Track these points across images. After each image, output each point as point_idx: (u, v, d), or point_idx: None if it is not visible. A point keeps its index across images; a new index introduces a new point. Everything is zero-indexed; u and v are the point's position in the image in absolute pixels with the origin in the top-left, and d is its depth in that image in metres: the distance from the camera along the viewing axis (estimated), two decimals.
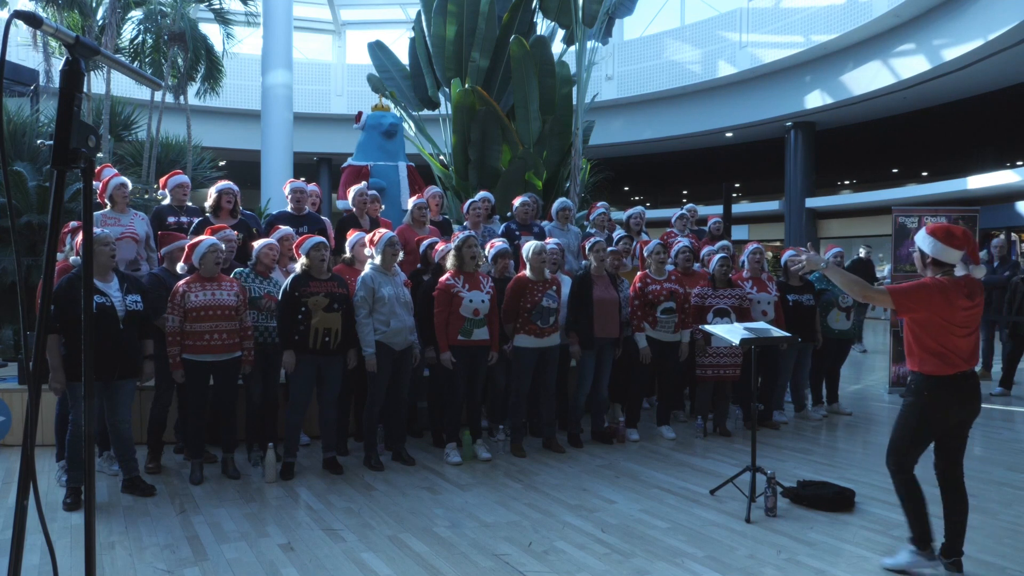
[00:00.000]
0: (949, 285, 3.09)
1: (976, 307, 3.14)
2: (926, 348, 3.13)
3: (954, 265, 3.16)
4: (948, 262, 3.14)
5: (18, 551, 1.33)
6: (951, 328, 3.09)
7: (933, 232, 3.15)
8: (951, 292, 3.07)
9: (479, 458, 5.11)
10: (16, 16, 1.26)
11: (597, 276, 5.54)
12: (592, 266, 5.56)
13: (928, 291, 3.09)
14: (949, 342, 3.09)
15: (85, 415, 1.49)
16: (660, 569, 3.29)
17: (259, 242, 4.98)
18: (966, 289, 3.12)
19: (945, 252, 3.12)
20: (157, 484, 4.43)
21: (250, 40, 16.66)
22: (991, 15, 12.62)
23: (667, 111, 19.62)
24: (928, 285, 3.11)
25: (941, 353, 3.10)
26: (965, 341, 3.13)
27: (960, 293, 3.09)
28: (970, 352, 3.16)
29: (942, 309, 3.07)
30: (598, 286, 5.49)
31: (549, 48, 9.22)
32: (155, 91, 12.37)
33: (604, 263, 5.59)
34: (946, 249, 3.11)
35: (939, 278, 3.14)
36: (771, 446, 5.55)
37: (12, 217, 2.43)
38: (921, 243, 3.20)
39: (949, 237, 3.11)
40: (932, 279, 3.15)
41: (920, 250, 3.21)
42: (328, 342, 4.62)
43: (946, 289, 3.08)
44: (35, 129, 8.71)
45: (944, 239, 3.11)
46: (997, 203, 16.89)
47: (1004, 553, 3.49)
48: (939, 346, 3.10)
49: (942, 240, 3.11)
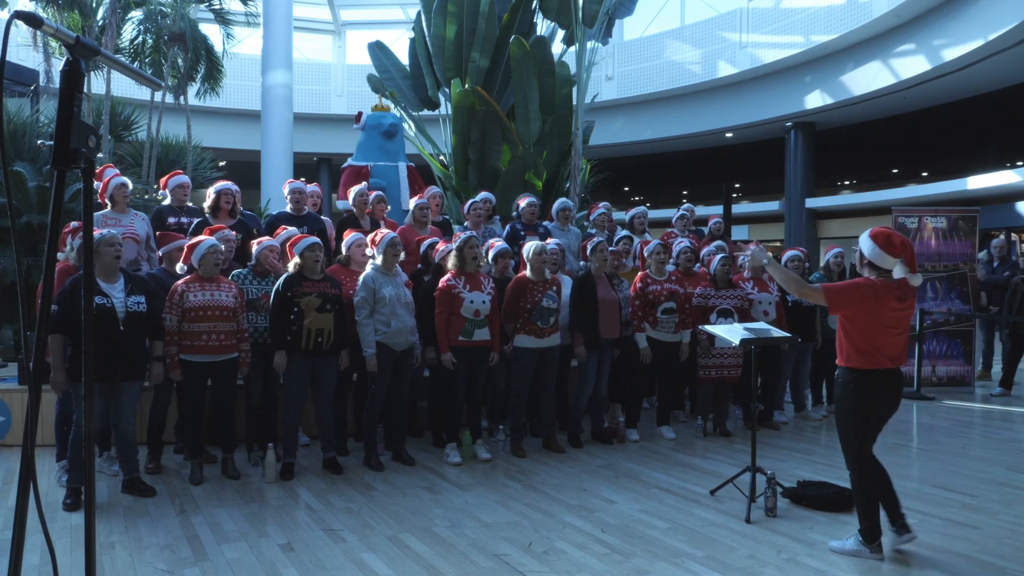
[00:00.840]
0: (881, 286, 3.25)
1: (906, 309, 3.30)
2: (855, 345, 3.30)
3: (890, 270, 3.30)
4: (884, 267, 3.29)
5: (18, 551, 1.33)
6: (880, 328, 3.25)
7: (874, 236, 3.30)
8: (882, 292, 3.23)
9: (479, 458, 5.11)
10: (16, 16, 1.26)
11: (598, 276, 5.54)
12: (594, 267, 5.56)
13: (860, 291, 3.25)
14: (877, 340, 3.26)
15: (85, 415, 1.49)
16: (660, 569, 3.29)
17: (260, 243, 4.98)
18: (898, 292, 3.26)
19: (882, 258, 3.27)
20: (157, 484, 4.43)
21: (250, 40, 16.66)
22: (991, 15, 12.62)
23: (667, 111, 19.61)
24: (861, 285, 3.27)
25: (868, 351, 3.27)
26: (894, 341, 3.28)
27: (891, 295, 3.24)
28: (897, 352, 3.31)
29: (872, 308, 3.23)
30: (600, 286, 5.49)
31: (549, 48, 9.22)
32: (155, 91, 12.37)
33: (606, 264, 5.59)
34: (883, 255, 3.27)
35: (872, 279, 3.30)
36: (771, 446, 5.55)
37: (12, 217, 2.44)
38: (862, 245, 3.35)
39: (888, 244, 3.26)
40: (865, 280, 3.31)
41: (860, 251, 3.37)
42: (321, 343, 4.62)
43: (877, 289, 3.24)
44: (35, 129, 8.71)
45: (883, 245, 3.26)
46: (997, 203, 16.89)
47: (1004, 553, 3.49)
48: (867, 344, 3.26)
49: (881, 246, 3.27)
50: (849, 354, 3.34)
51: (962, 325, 8.05)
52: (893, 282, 3.29)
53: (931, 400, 7.52)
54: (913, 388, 7.75)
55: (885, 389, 3.34)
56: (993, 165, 18.50)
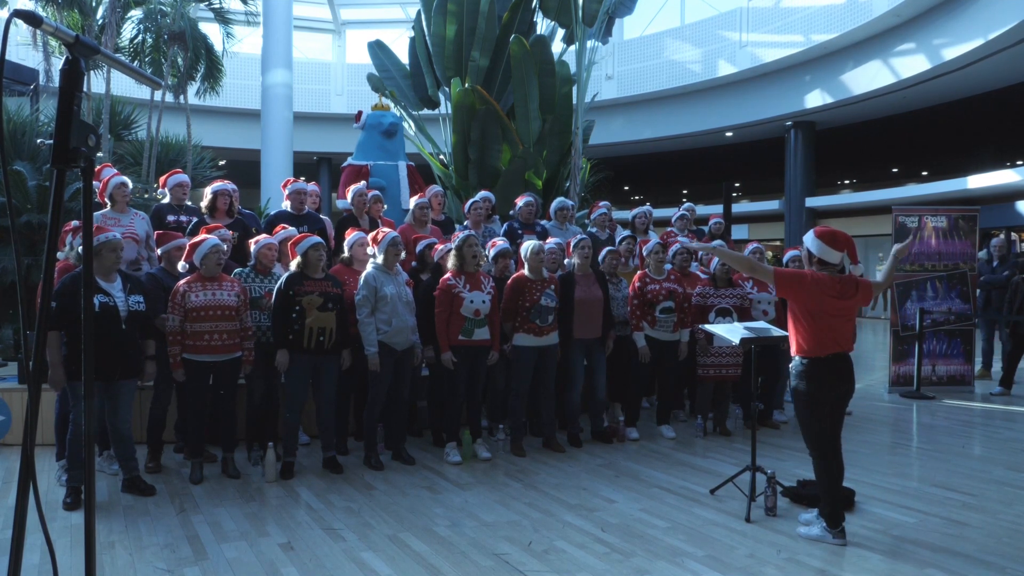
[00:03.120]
0: (824, 281, 3.51)
1: (848, 302, 3.53)
2: (804, 334, 3.55)
3: (836, 264, 3.56)
4: (829, 261, 3.55)
5: (18, 550, 1.33)
6: (823, 316, 3.50)
7: (820, 235, 3.58)
8: (825, 286, 3.49)
9: (479, 458, 5.11)
10: (16, 15, 1.26)
11: (581, 275, 5.50)
12: (576, 265, 5.54)
13: (804, 281, 3.52)
14: (823, 327, 3.51)
15: (85, 415, 1.49)
16: (660, 568, 3.29)
17: (257, 241, 4.98)
18: (839, 287, 3.52)
19: (827, 252, 3.55)
20: (157, 484, 4.43)
21: (250, 40, 16.66)
22: (991, 15, 12.62)
23: (667, 111, 19.61)
24: (806, 276, 3.54)
25: (816, 338, 3.52)
26: (839, 329, 3.54)
27: (833, 291, 3.50)
28: (845, 337, 3.57)
29: (813, 298, 3.49)
30: (581, 286, 5.45)
31: (549, 47, 9.22)
32: (155, 90, 12.37)
33: (588, 262, 5.56)
34: (828, 250, 3.54)
35: (817, 273, 3.55)
36: (771, 446, 5.55)
37: (12, 217, 2.43)
38: (809, 244, 3.62)
39: (832, 240, 3.55)
40: (811, 272, 3.57)
41: (808, 249, 3.63)
42: (323, 341, 4.62)
43: (820, 283, 3.50)
44: (35, 128, 8.71)
45: (828, 241, 3.55)
46: (997, 203, 16.88)
47: (1004, 553, 3.49)
48: (814, 331, 3.52)
49: (826, 242, 3.55)
50: (799, 343, 3.58)
51: (962, 324, 8.05)
52: (837, 279, 3.53)
53: (931, 399, 7.52)
54: (913, 387, 7.76)
55: (836, 374, 3.55)
56: (993, 164, 18.50)
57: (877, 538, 3.67)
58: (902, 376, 7.96)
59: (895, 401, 7.54)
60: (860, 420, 6.55)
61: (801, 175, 18.86)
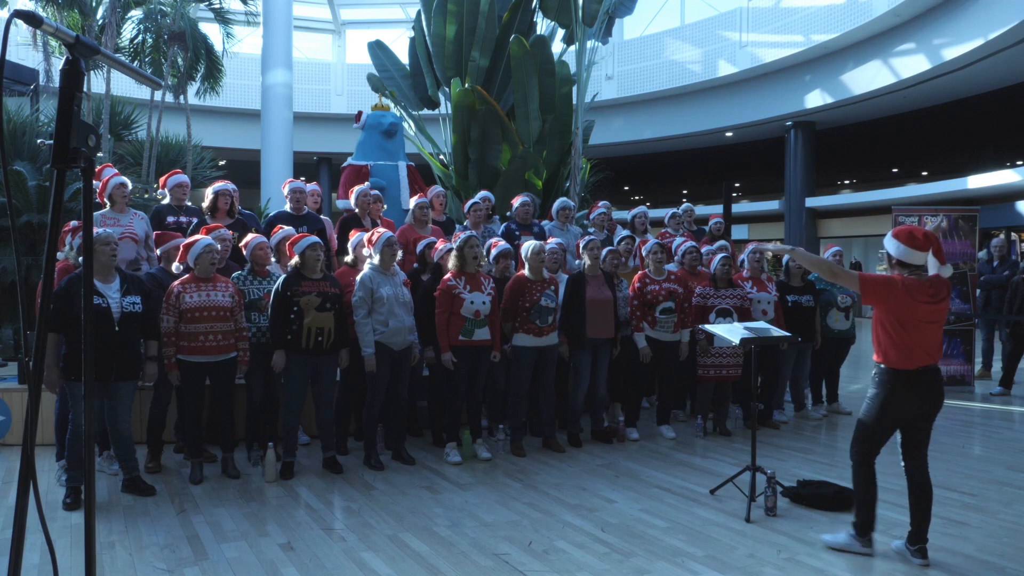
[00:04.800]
0: (913, 285, 3.25)
1: (940, 306, 3.28)
2: (893, 342, 3.27)
3: (920, 266, 3.30)
4: (912, 263, 3.30)
5: (18, 550, 1.33)
6: (915, 324, 3.23)
7: (897, 235, 3.34)
8: (915, 291, 3.24)
9: (479, 457, 5.11)
10: (16, 15, 1.26)
11: (591, 276, 5.52)
12: (586, 265, 5.55)
13: (893, 286, 3.26)
14: (914, 336, 3.24)
15: (85, 415, 1.49)
16: (660, 568, 3.29)
17: (249, 241, 4.93)
18: (931, 290, 3.27)
19: (908, 253, 3.29)
20: (157, 484, 4.43)
21: (250, 40, 16.66)
22: (991, 15, 12.61)
23: (667, 111, 19.60)
24: (895, 281, 3.28)
25: (906, 348, 3.25)
26: (929, 337, 3.27)
27: (924, 294, 3.24)
28: (935, 347, 3.30)
29: (904, 305, 3.23)
30: (591, 286, 5.47)
31: (549, 48, 9.22)
32: (155, 90, 12.37)
33: (598, 262, 5.57)
34: (909, 251, 3.28)
35: (907, 277, 3.29)
36: (771, 446, 5.55)
37: (12, 217, 2.43)
38: (887, 246, 3.38)
39: (911, 240, 3.29)
40: (900, 276, 3.32)
41: (887, 252, 3.39)
42: (321, 342, 4.62)
43: (910, 288, 3.24)
44: (35, 128, 8.72)
45: (907, 242, 3.29)
46: (997, 203, 16.88)
47: (1004, 553, 3.49)
48: (905, 340, 3.24)
49: (905, 243, 3.29)
50: (887, 352, 3.30)
51: (962, 324, 8.05)
52: (926, 281, 3.28)
53: None
54: None
55: (927, 388, 3.29)
56: (993, 164, 18.50)
57: (877, 538, 3.67)
58: None
59: None
60: None
61: (801, 175, 18.86)
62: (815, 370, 6.66)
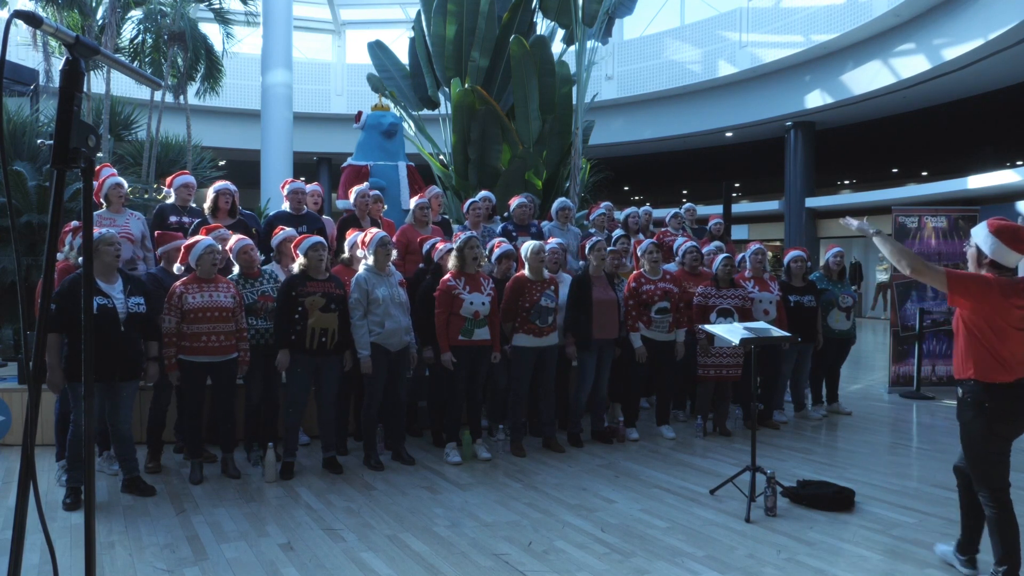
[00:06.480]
0: (1008, 286, 2.88)
1: None
2: (980, 350, 2.89)
3: (1012, 268, 2.92)
4: (1007, 265, 2.91)
5: (18, 551, 1.33)
6: (1008, 330, 2.86)
7: (998, 232, 2.91)
8: (1008, 291, 2.86)
9: (479, 458, 5.11)
10: (16, 16, 1.26)
11: (596, 276, 5.53)
12: (592, 266, 5.55)
13: (987, 284, 2.88)
14: (1009, 345, 2.86)
15: (85, 415, 1.49)
16: (660, 569, 3.29)
17: (233, 245, 4.85)
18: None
19: (1004, 253, 2.90)
20: (157, 484, 4.43)
21: (250, 40, 16.65)
22: (991, 15, 12.61)
23: (667, 111, 19.60)
24: (988, 279, 2.89)
25: (1002, 358, 2.86)
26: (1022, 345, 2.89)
27: (1020, 297, 2.88)
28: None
29: (998, 306, 2.85)
30: (597, 287, 5.48)
31: (549, 48, 9.23)
32: (155, 91, 12.37)
33: (604, 263, 5.58)
34: (1008, 252, 2.89)
35: (1002, 277, 2.92)
36: (771, 446, 5.55)
37: (12, 217, 2.42)
38: (981, 241, 2.96)
39: (1014, 239, 2.87)
40: (993, 276, 2.92)
41: (977, 247, 2.98)
42: (325, 342, 4.62)
43: (1004, 288, 2.87)
44: (35, 129, 8.71)
45: (1009, 241, 2.88)
46: (997, 203, 16.87)
47: None
48: (1000, 350, 2.86)
49: (1006, 242, 2.88)
50: (978, 363, 2.88)
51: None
52: (1019, 283, 2.90)
53: (931, 399, 7.53)
54: (913, 388, 7.76)
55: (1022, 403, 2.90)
56: (993, 165, 18.49)
57: (877, 538, 3.67)
58: (902, 376, 7.97)
59: (895, 401, 7.54)
60: (860, 420, 6.56)
61: (801, 175, 18.86)
62: (815, 370, 6.66)
